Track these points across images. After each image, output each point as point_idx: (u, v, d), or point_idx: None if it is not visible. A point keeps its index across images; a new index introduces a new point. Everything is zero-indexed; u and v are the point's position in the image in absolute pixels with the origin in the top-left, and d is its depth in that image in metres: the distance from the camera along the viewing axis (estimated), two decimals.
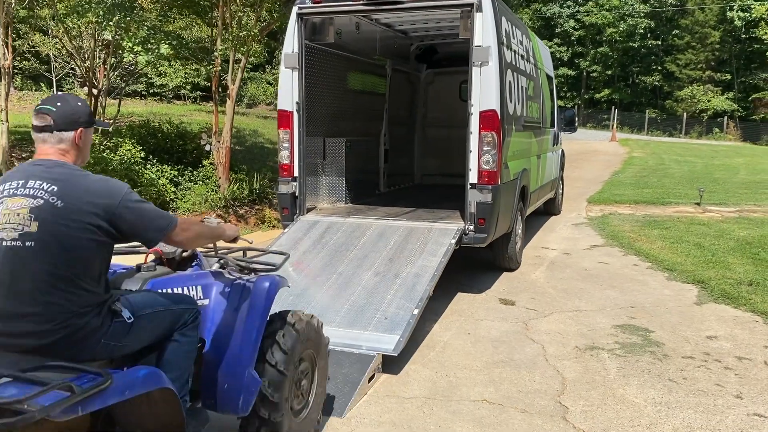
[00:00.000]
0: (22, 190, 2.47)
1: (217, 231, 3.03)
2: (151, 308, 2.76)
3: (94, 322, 2.49)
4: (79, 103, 2.68)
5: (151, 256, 3.33)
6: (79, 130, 2.62)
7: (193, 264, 3.44)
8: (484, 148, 6.12)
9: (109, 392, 2.20)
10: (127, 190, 2.57)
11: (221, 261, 3.49)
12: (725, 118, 43.42)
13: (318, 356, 3.69)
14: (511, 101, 6.67)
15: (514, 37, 7.04)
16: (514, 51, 7.03)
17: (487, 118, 6.06)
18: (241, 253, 3.62)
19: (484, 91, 6.05)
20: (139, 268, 3.15)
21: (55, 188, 2.45)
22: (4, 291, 2.41)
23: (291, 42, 6.65)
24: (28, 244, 2.39)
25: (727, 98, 44.44)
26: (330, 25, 7.01)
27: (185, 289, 3.20)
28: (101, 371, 2.26)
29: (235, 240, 3.25)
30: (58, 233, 2.41)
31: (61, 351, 2.42)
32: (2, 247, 2.41)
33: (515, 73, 6.98)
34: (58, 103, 2.61)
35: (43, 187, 2.45)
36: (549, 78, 10.14)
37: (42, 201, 2.43)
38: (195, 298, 3.18)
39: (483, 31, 6.02)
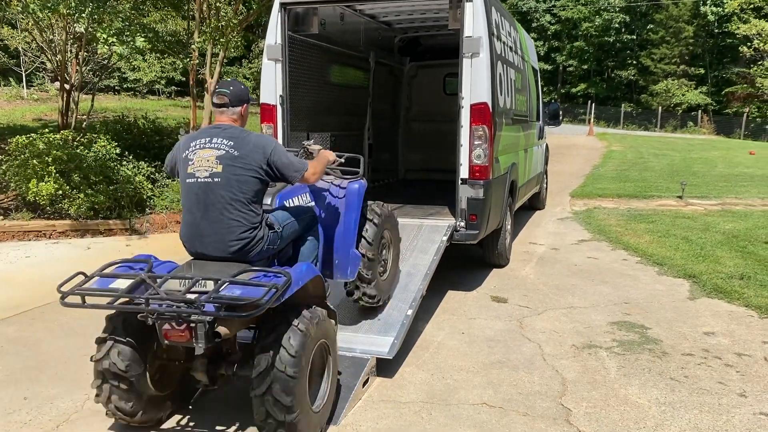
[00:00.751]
0: (209, 144, 3.62)
1: (326, 161, 4.12)
2: (289, 220, 3.96)
3: (259, 234, 3.63)
4: (242, 87, 3.82)
5: None
6: (244, 106, 3.79)
7: None
8: (476, 142, 5.94)
9: (292, 285, 3.31)
10: (275, 144, 3.71)
11: None
12: (699, 111, 43.91)
13: (393, 237, 5.13)
14: (501, 94, 6.51)
15: (503, 28, 6.88)
16: (504, 42, 6.87)
17: (478, 111, 5.89)
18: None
19: (475, 83, 5.87)
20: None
21: (232, 143, 3.60)
22: (201, 213, 3.57)
23: (274, 33, 6.41)
24: (216, 180, 3.55)
25: (700, 92, 44.95)
26: (314, 15, 6.77)
27: (299, 196, 4.33)
28: (281, 271, 3.34)
29: (333, 162, 4.30)
30: (236, 172, 3.55)
31: (240, 256, 3.57)
32: (198, 182, 3.58)
33: (505, 65, 6.82)
34: (231, 87, 3.74)
35: (224, 142, 3.60)
36: (534, 70, 10.01)
37: (224, 151, 3.57)
38: (306, 201, 4.39)
39: (474, 21, 5.84)
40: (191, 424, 3.92)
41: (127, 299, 3.26)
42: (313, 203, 4.47)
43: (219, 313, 3.09)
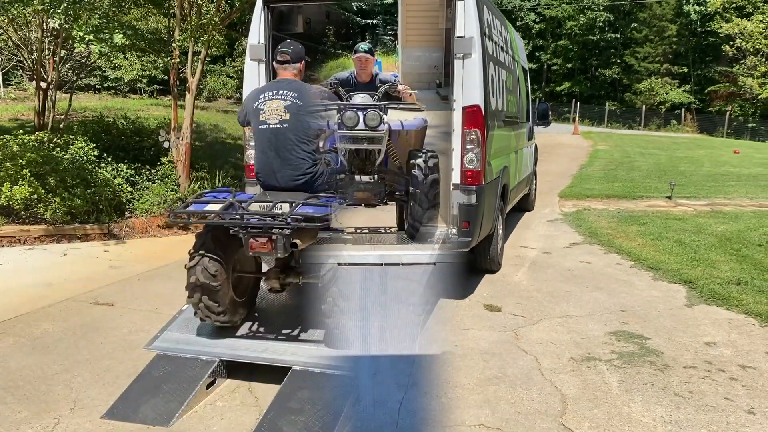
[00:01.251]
0: (277, 95, 4.49)
1: None
2: (336, 158, 4.91)
3: (320, 169, 4.56)
4: (300, 46, 4.66)
5: None
6: (302, 62, 4.68)
7: None
8: (468, 147, 5.72)
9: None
10: (329, 93, 4.74)
11: None
12: (682, 110, 44.12)
13: None
14: (493, 96, 6.29)
15: (494, 28, 6.66)
16: (495, 42, 6.65)
17: (470, 114, 5.66)
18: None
19: (467, 85, 5.65)
20: None
21: (296, 94, 4.47)
22: (274, 155, 4.47)
23: (257, 32, 6.14)
24: (285, 126, 4.43)
25: (684, 91, 45.17)
26: (298, 14, 6.54)
27: None
28: (337, 196, 4.44)
29: None
30: (300, 118, 4.44)
31: (305, 188, 4.47)
32: (270, 128, 4.46)
33: (497, 66, 6.60)
34: (291, 47, 4.62)
35: (289, 94, 4.47)
36: (524, 70, 9.81)
37: (290, 102, 4.44)
38: None
39: (465, 20, 5.61)
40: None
41: (223, 217, 4.06)
42: None
43: (299, 224, 3.91)
